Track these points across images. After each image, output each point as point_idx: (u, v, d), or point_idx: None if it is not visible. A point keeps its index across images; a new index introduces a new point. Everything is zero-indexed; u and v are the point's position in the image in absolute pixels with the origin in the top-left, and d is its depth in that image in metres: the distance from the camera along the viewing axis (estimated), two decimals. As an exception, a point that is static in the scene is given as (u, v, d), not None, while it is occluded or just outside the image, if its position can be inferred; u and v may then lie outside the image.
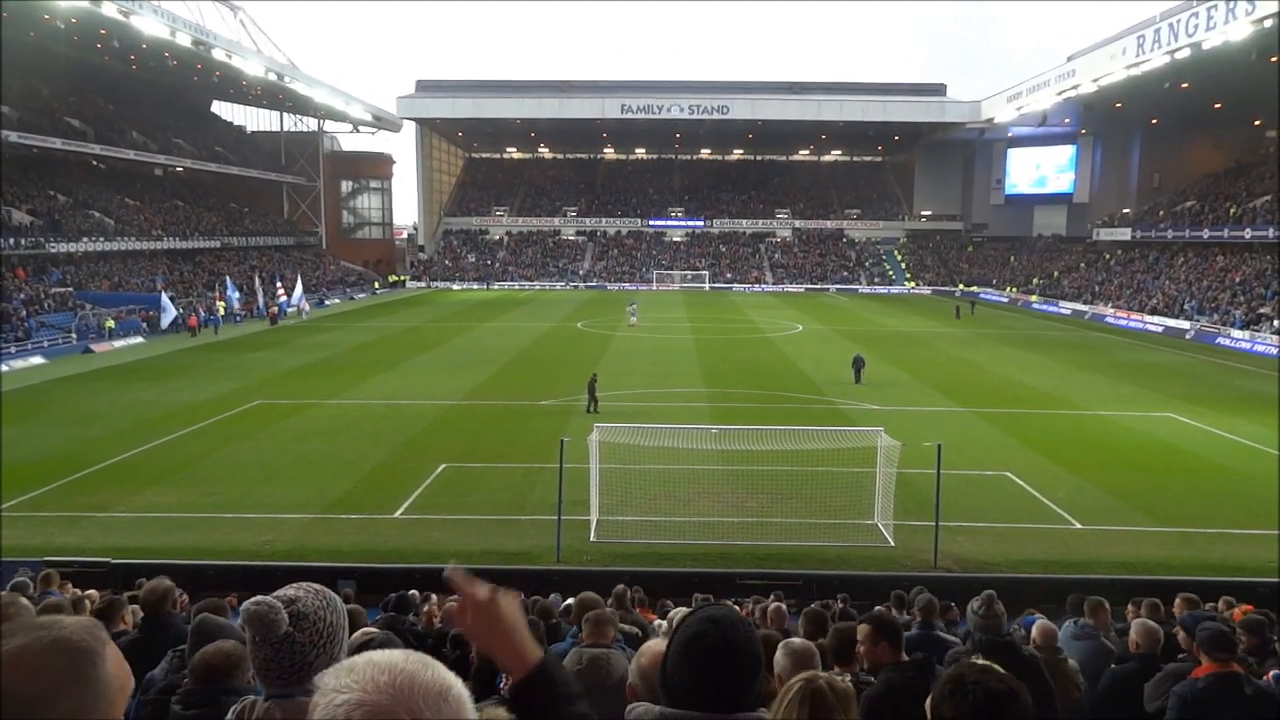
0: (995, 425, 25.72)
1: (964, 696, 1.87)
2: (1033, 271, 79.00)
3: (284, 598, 2.26)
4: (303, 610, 2.23)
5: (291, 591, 2.29)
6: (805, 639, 6.18)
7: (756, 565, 15.10)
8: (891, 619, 4.89)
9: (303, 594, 2.28)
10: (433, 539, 16.29)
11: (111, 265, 56.26)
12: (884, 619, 4.86)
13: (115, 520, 17.11)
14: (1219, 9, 44.64)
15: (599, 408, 26.36)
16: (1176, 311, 54.36)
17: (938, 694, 1.94)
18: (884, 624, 4.83)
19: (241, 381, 32.20)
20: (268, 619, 2.20)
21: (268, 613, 2.20)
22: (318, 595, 2.30)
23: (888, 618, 4.86)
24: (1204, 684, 5.02)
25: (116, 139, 63.15)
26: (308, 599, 2.27)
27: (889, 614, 5.07)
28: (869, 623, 4.89)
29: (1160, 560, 15.41)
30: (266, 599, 2.24)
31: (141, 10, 49.60)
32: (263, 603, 2.22)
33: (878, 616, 4.90)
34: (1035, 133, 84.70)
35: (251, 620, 2.21)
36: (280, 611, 2.21)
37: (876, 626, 4.82)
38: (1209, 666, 5.09)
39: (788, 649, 3.99)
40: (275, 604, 2.22)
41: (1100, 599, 7.77)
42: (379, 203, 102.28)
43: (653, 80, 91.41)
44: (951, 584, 13.62)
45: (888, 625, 4.82)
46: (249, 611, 2.22)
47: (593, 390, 26.79)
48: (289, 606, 2.23)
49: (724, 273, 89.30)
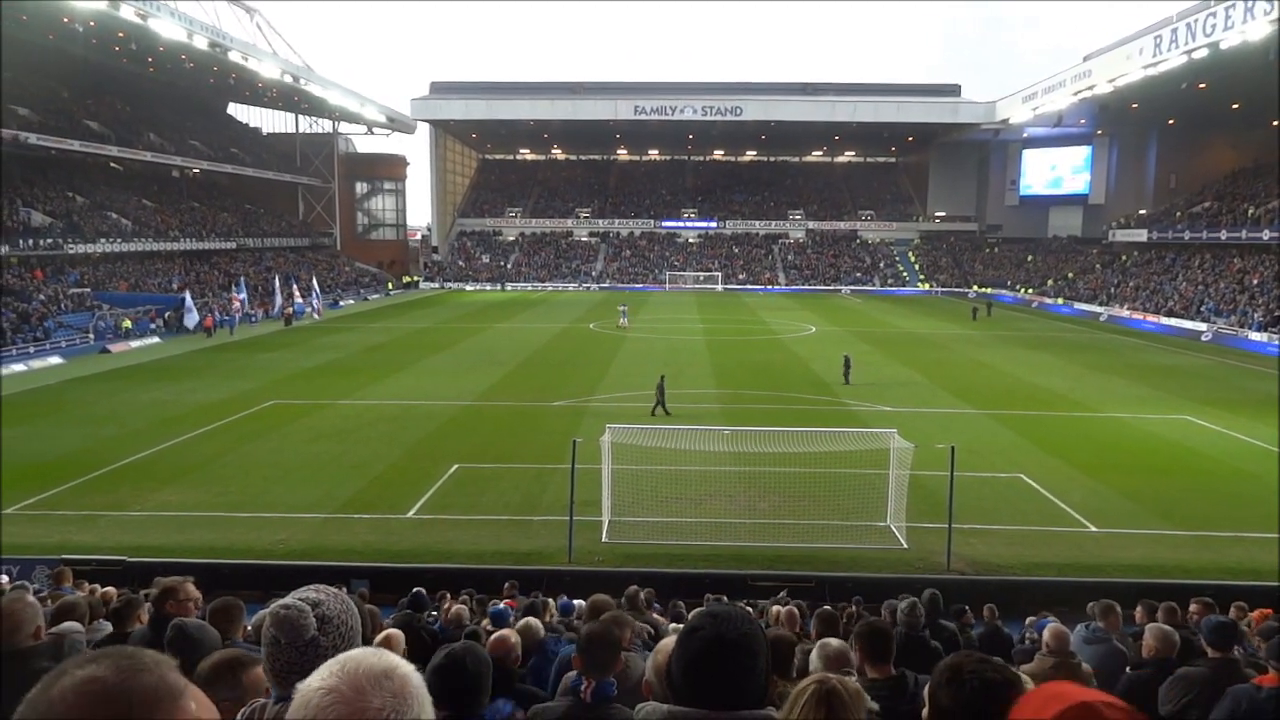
0: (1009, 427, 25.58)
1: (960, 685, 1.94)
2: (1048, 273, 78.54)
3: (308, 600, 2.25)
4: (327, 614, 2.23)
5: (312, 594, 2.28)
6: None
7: (769, 567, 15.07)
8: (880, 630, 4.73)
9: (324, 597, 2.28)
10: (445, 539, 16.34)
11: (129, 266, 56.75)
12: (871, 631, 4.71)
13: (131, 519, 17.25)
14: (1237, 9, 44.24)
15: (668, 409, 26.19)
16: (1193, 313, 53.93)
17: (935, 683, 2.01)
18: (867, 636, 4.67)
19: (256, 382, 32.40)
20: (297, 623, 2.19)
21: (297, 617, 2.20)
22: (337, 599, 2.30)
23: (877, 629, 4.72)
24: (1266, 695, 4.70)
25: (134, 141, 63.69)
26: (330, 603, 2.27)
27: (879, 624, 4.92)
28: (856, 635, 4.75)
29: (1177, 564, 15.29)
30: (295, 602, 2.23)
31: (159, 13, 50.03)
32: (292, 606, 2.22)
33: (865, 628, 4.74)
34: (1051, 133, 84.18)
35: (280, 623, 2.20)
36: (309, 615, 2.20)
37: (859, 638, 4.68)
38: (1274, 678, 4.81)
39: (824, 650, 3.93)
40: (304, 607, 2.22)
41: (1111, 602, 7.72)
42: (393, 204, 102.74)
43: (666, 81, 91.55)
44: (964, 587, 13.57)
45: (869, 637, 4.66)
46: (278, 615, 2.21)
47: (661, 391, 26.58)
48: (314, 610, 2.22)
49: (737, 274, 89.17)
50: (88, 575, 12.12)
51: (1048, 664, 5.91)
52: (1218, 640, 5.78)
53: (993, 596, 11.99)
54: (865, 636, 4.62)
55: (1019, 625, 11.26)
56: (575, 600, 11.13)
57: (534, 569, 14.60)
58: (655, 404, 26.41)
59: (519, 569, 14.34)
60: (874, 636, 4.60)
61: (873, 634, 4.62)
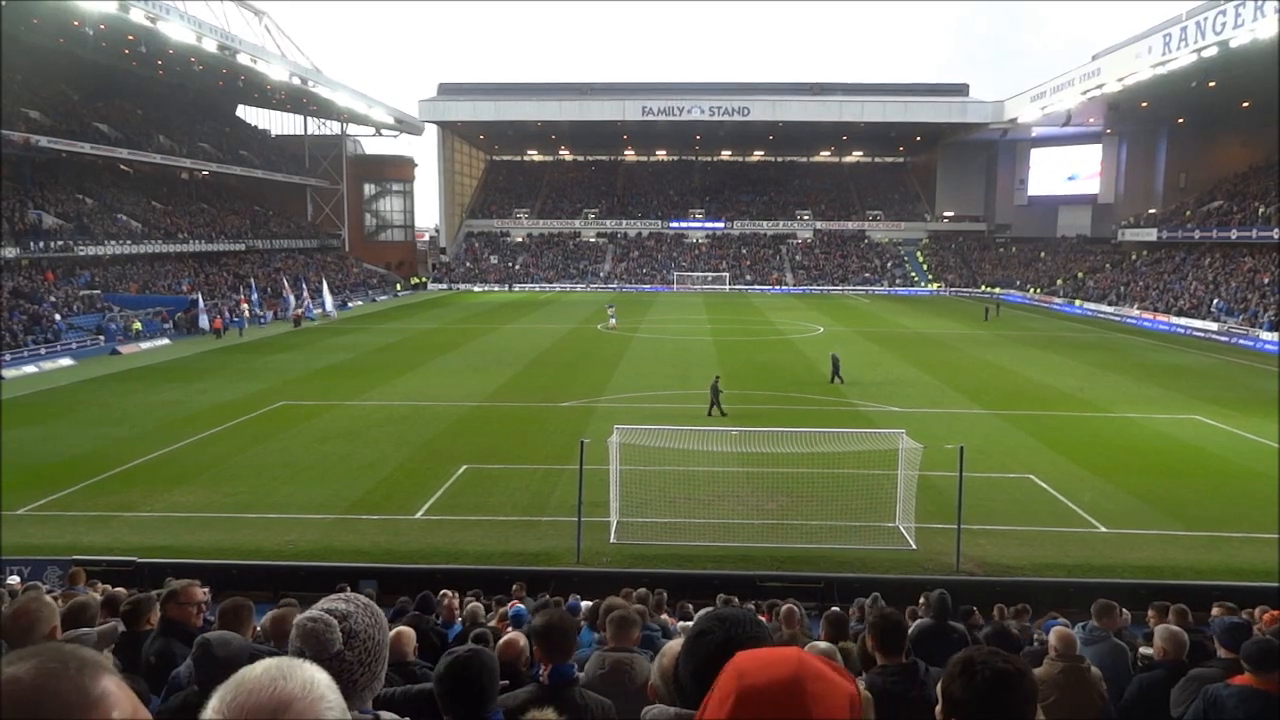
0: (1019, 427, 25.49)
1: (972, 676, 1.97)
2: (1057, 272, 78.27)
3: (336, 613, 2.18)
4: (355, 628, 2.17)
5: (342, 606, 2.21)
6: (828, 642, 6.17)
7: (777, 568, 15.05)
8: (894, 620, 4.87)
9: (353, 609, 2.21)
10: (454, 540, 16.37)
11: (139, 268, 57.02)
12: (884, 623, 4.83)
13: (142, 520, 17.33)
14: (1247, 7, 44.02)
15: (724, 410, 26.15)
16: (1204, 313, 53.66)
17: (948, 675, 2.04)
18: (880, 625, 4.82)
19: (265, 383, 32.51)
20: (324, 637, 2.13)
21: (324, 631, 2.14)
22: (366, 611, 2.23)
23: (890, 620, 4.84)
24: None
25: (144, 143, 64.01)
26: (359, 615, 2.20)
27: (893, 614, 5.04)
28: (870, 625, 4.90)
29: (1188, 565, 15.21)
30: (322, 615, 2.17)
31: (168, 16, 50.31)
32: (319, 620, 2.15)
33: (879, 619, 4.89)
34: (1059, 133, 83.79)
35: (306, 637, 2.14)
36: (335, 629, 2.14)
37: (872, 628, 4.84)
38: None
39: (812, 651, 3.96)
40: (331, 621, 2.15)
41: (1110, 602, 7.69)
42: (401, 205, 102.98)
43: (673, 82, 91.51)
44: (973, 587, 13.53)
45: (882, 626, 4.80)
46: (305, 628, 2.15)
47: (715, 392, 26.54)
48: (342, 624, 2.16)
49: (744, 274, 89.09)
50: (99, 576, 12.17)
51: (1056, 668, 5.89)
52: (1231, 641, 5.76)
53: (1001, 597, 11.96)
54: (878, 627, 4.84)
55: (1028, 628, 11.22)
56: (584, 601, 11.14)
57: (542, 570, 14.62)
58: (711, 405, 26.37)
59: (527, 569, 14.37)
60: (887, 627, 4.82)
61: (886, 625, 4.83)
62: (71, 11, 48.06)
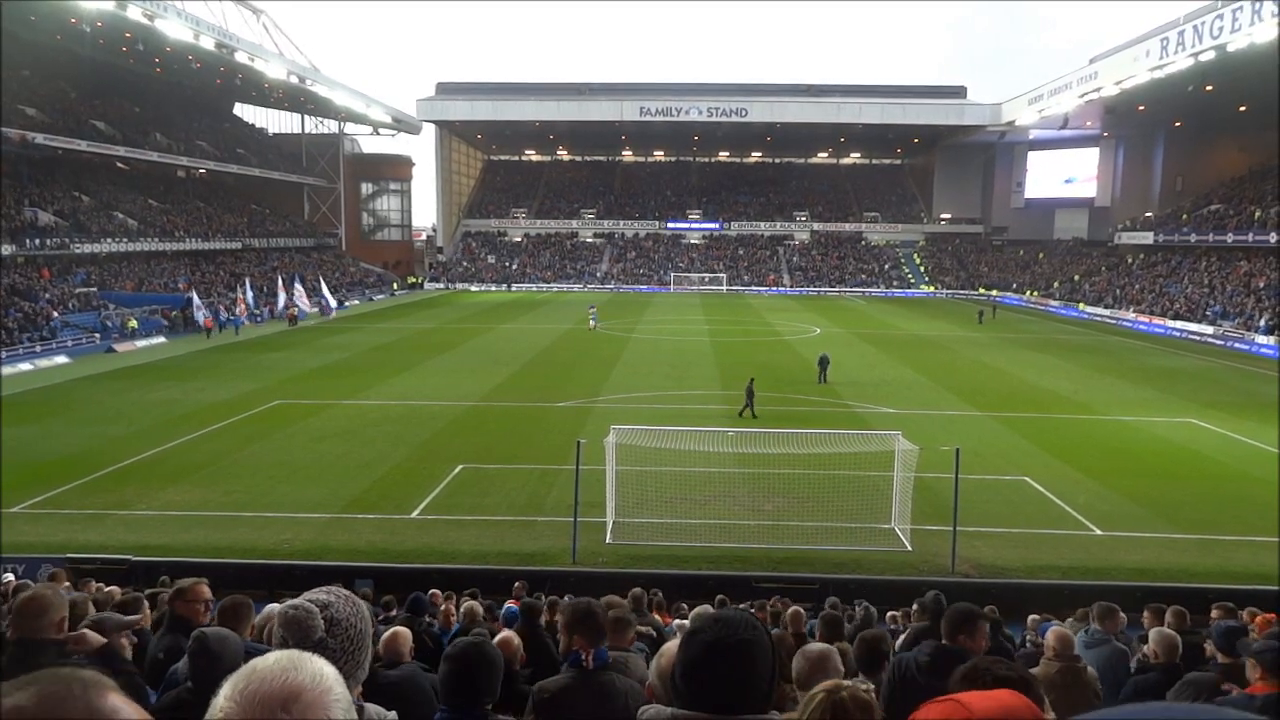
0: (1014, 430, 25.53)
1: (974, 685, 2.03)
2: (1054, 275, 78.40)
3: (318, 602, 2.24)
4: (336, 616, 2.22)
5: (323, 596, 2.27)
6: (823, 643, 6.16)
7: (773, 568, 15.07)
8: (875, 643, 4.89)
9: (334, 599, 2.27)
10: (449, 539, 16.37)
11: (135, 266, 56.91)
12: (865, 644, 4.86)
13: (136, 518, 17.30)
14: (1244, 11, 44.14)
15: (755, 413, 26.13)
16: (1199, 316, 53.78)
17: (951, 686, 2.09)
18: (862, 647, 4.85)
19: (261, 382, 32.46)
20: (305, 624, 2.18)
21: (305, 618, 2.19)
22: (348, 601, 2.28)
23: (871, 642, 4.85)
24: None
25: (141, 141, 63.91)
26: (340, 605, 2.25)
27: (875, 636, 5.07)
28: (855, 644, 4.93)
29: (1182, 567, 15.25)
30: (303, 604, 2.22)
31: (166, 14, 50.24)
32: (300, 607, 2.21)
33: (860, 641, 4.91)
34: (1057, 136, 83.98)
35: (288, 624, 2.20)
36: (317, 617, 2.19)
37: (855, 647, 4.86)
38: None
39: (805, 654, 3.98)
40: (312, 609, 2.21)
41: (1112, 605, 7.69)
42: (398, 205, 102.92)
43: (671, 82, 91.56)
44: (968, 589, 13.54)
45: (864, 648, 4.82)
46: (287, 615, 2.21)
47: (750, 394, 26.52)
48: (323, 612, 2.21)
49: (741, 275, 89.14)
50: (93, 574, 12.15)
51: (1053, 668, 5.89)
52: (1227, 645, 5.77)
53: (996, 599, 11.97)
54: (860, 647, 4.90)
55: (1019, 628, 11.24)
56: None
57: (538, 570, 14.60)
58: (744, 406, 26.36)
59: (523, 569, 14.35)
60: (868, 648, 4.87)
61: (867, 646, 4.89)
62: (69, 9, 47.93)
